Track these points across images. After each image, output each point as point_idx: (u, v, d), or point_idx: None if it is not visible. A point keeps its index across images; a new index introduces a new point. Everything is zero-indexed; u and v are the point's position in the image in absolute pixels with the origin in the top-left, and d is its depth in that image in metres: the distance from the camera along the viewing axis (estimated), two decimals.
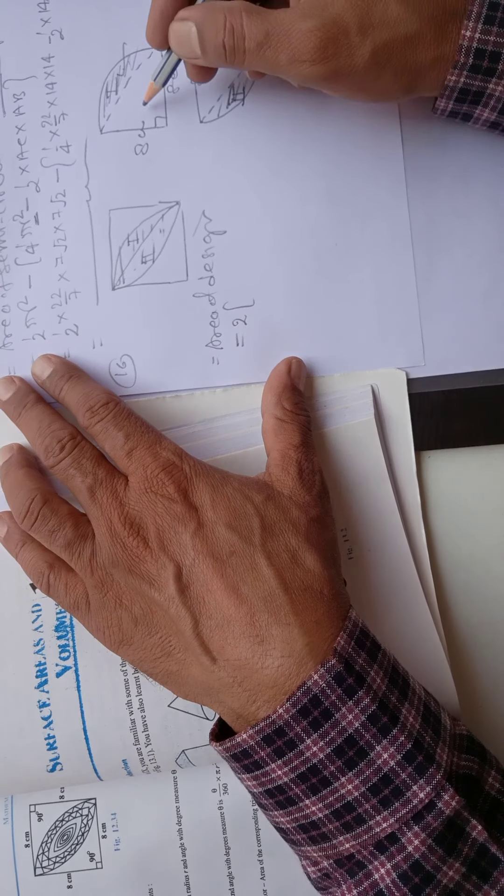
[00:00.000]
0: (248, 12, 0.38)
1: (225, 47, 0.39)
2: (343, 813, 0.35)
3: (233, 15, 0.38)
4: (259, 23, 0.38)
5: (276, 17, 0.38)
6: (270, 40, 0.38)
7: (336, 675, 0.35)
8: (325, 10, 0.37)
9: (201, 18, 0.39)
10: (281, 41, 0.38)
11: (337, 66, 0.38)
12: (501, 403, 0.46)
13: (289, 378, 0.44)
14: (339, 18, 0.37)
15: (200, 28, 0.39)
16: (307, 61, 0.38)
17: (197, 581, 0.37)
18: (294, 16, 0.37)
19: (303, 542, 0.38)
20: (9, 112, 0.45)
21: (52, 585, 0.40)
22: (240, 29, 0.38)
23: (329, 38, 0.37)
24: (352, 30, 0.37)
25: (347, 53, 0.37)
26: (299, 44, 0.37)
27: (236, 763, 0.37)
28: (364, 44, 0.37)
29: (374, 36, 0.37)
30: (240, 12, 0.38)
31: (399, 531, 0.45)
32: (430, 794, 0.35)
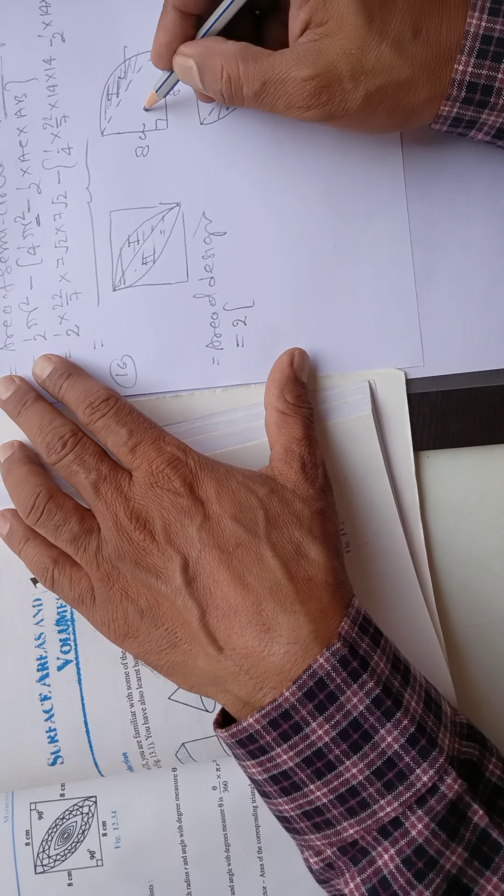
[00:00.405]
0: (244, 59, 0.39)
1: (223, 94, 0.40)
2: (347, 797, 0.36)
3: (229, 63, 0.39)
4: (255, 71, 0.39)
5: (272, 63, 0.38)
6: (267, 88, 0.39)
7: (341, 658, 0.36)
8: (320, 58, 0.38)
9: (200, 59, 0.40)
10: (277, 89, 0.39)
11: (331, 111, 0.39)
12: (500, 404, 0.46)
13: (291, 370, 0.44)
14: (332, 66, 0.38)
15: (200, 68, 0.40)
16: (302, 107, 0.39)
17: (203, 572, 0.38)
18: (290, 62, 0.38)
19: (306, 535, 0.38)
20: (10, 114, 0.46)
21: (57, 580, 0.41)
22: (237, 78, 0.39)
23: (322, 87, 0.38)
24: (345, 77, 0.38)
25: (340, 99, 0.38)
26: (294, 92, 0.38)
27: (241, 749, 0.37)
28: (357, 90, 0.38)
29: (366, 83, 0.38)
30: (236, 59, 0.39)
31: (396, 526, 0.46)
32: (433, 778, 0.35)
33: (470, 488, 0.47)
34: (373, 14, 0.37)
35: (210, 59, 0.39)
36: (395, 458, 0.46)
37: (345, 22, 0.37)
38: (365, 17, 0.37)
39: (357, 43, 0.37)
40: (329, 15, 0.37)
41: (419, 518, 0.46)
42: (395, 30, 0.37)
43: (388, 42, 0.37)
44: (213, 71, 0.39)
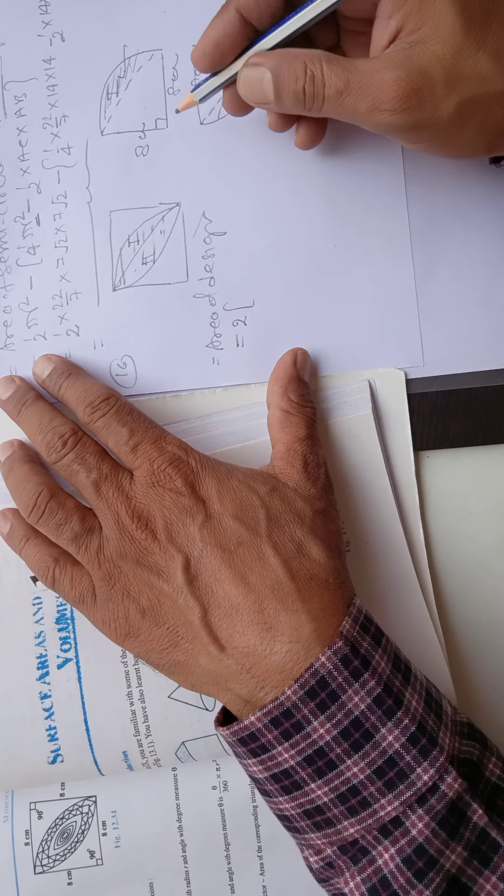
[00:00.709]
0: (327, 60, 0.37)
1: (304, 93, 0.38)
2: (348, 796, 0.36)
3: (312, 62, 0.38)
4: (340, 70, 0.37)
5: (358, 65, 0.37)
6: (351, 88, 0.37)
7: (342, 657, 0.36)
8: (411, 61, 0.36)
9: (277, 65, 0.38)
10: (362, 89, 0.36)
11: (419, 118, 0.37)
12: (500, 404, 0.46)
13: (294, 369, 0.44)
14: (424, 70, 0.36)
15: (276, 74, 0.38)
16: (388, 110, 0.36)
17: (205, 571, 0.38)
18: (377, 65, 0.37)
19: (308, 534, 0.39)
20: (10, 114, 0.46)
21: (58, 579, 0.41)
22: (320, 76, 0.37)
23: (413, 89, 0.36)
24: (437, 82, 0.36)
25: (431, 105, 0.36)
26: (381, 92, 0.36)
27: (242, 748, 0.37)
28: (450, 97, 0.36)
29: (460, 90, 0.36)
30: (319, 59, 0.37)
31: (396, 525, 0.46)
32: (433, 777, 0.35)
33: (470, 488, 0.47)
34: (472, 20, 0.36)
35: (290, 62, 0.38)
36: (395, 457, 0.46)
37: (441, 26, 0.36)
38: (464, 22, 0.35)
39: (453, 48, 0.35)
40: (424, 20, 0.36)
41: (419, 518, 0.46)
42: (494, 40, 0.36)
43: (485, 51, 0.36)
44: (293, 72, 0.37)
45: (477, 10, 0.36)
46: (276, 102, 0.39)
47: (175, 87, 0.46)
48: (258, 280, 0.46)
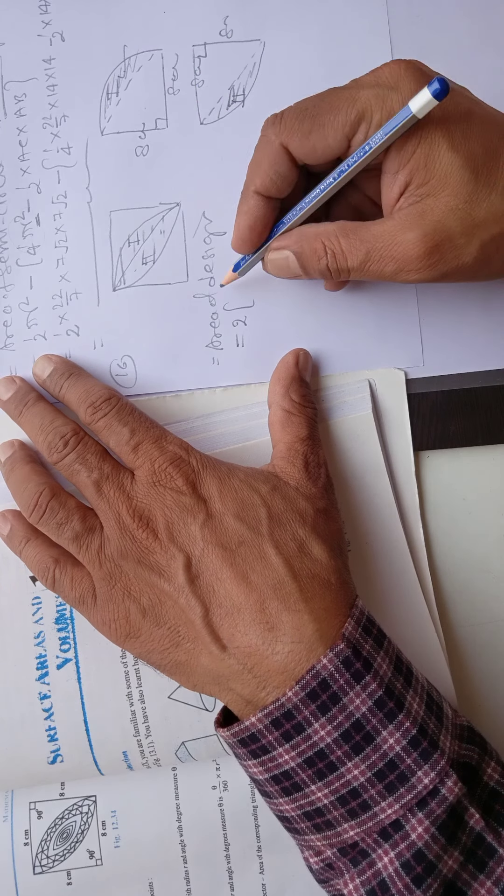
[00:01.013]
0: (343, 234, 0.39)
1: (329, 269, 0.40)
2: (348, 799, 0.36)
3: (330, 240, 0.39)
4: (358, 242, 0.38)
5: (374, 232, 0.38)
6: (373, 257, 0.38)
7: (344, 659, 0.36)
8: (425, 219, 0.37)
9: (298, 247, 0.40)
10: (384, 256, 0.38)
11: (445, 270, 0.38)
12: (500, 404, 0.46)
13: (296, 369, 0.44)
14: (440, 225, 0.37)
15: (299, 255, 0.40)
16: (413, 270, 0.38)
17: (206, 571, 0.38)
18: (393, 228, 0.38)
19: (310, 533, 0.39)
20: (10, 114, 0.46)
21: (58, 580, 0.41)
22: (340, 252, 0.39)
23: (434, 247, 0.37)
24: (456, 233, 0.37)
25: (454, 256, 0.37)
26: (404, 255, 0.37)
27: (243, 749, 0.37)
28: (471, 243, 0.37)
29: (480, 234, 0.37)
30: (336, 236, 0.39)
31: (397, 525, 0.46)
32: (434, 780, 0.35)
33: (470, 488, 0.47)
34: (477, 168, 0.36)
35: (309, 243, 0.39)
36: (395, 457, 0.46)
37: (450, 179, 0.36)
38: (471, 172, 0.36)
39: (465, 198, 0.36)
40: (431, 174, 0.37)
41: (419, 518, 0.46)
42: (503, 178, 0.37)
43: (497, 191, 0.36)
44: (314, 252, 0.39)
45: (482, 156, 0.36)
46: (305, 275, 0.41)
47: (175, 86, 0.46)
48: (258, 280, 0.46)
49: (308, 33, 0.46)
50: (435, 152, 0.36)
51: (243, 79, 0.46)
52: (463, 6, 0.47)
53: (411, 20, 0.46)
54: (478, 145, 0.37)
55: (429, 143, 0.36)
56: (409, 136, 0.36)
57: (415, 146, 0.36)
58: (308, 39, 0.46)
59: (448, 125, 0.36)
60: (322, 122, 0.37)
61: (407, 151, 0.37)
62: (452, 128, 0.36)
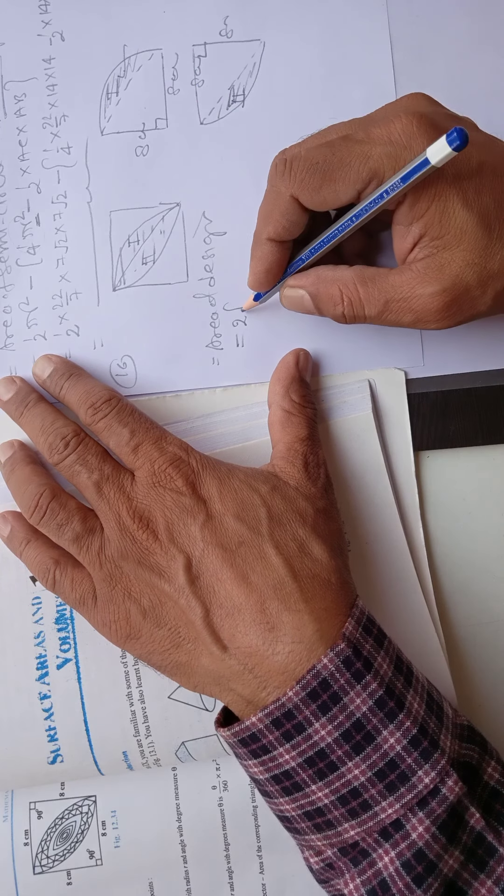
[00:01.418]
0: (361, 283, 0.39)
1: (346, 316, 0.40)
2: (349, 799, 0.36)
3: (347, 287, 0.39)
4: (376, 293, 0.39)
5: (392, 283, 0.38)
6: (391, 307, 0.39)
7: (345, 659, 0.36)
8: (443, 272, 0.37)
9: (314, 289, 0.40)
10: (402, 307, 0.39)
11: (461, 320, 0.39)
12: (500, 404, 0.46)
13: (297, 370, 0.44)
14: (458, 279, 0.37)
15: (314, 297, 0.41)
16: (432, 321, 0.39)
17: (207, 571, 0.38)
18: (411, 281, 0.38)
19: (310, 533, 0.39)
20: (10, 113, 0.46)
21: (58, 581, 0.41)
22: (357, 301, 0.39)
23: (452, 300, 0.38)
24: (472, 286, 0.38)
25: (470, 307, 0.38)
26: (422, 308, 0.38)
27: (243, 748, 0.37)
28: (486, 293, 0.38)
29: (494, 284, 0.38)
30: (354, 284, 0.39)
31: (397, 525, 0.46)
32: (434, 780, 0.35)
33: (470, 488, 0.47)
34: (490, 224, 0.37)
35: (326, 288, 0.40)
36: (395, 457, 0.46)
37: (465, 236, 0.37)
38: (484, 228, 0.37)
39: (480, 252, 0.37)
40: (447, 230, 0.37)
41: (419, 518, 0.46)
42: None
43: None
44: (331, 298, 0.40)
45: (494, 210, 0.37)
46: (319, 315, 0.42)
47: (175, 86, 0.46)
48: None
49: (308, 33, 0.46)
50: (450, 209, 0.37)
51: (243, 79, 0.46)
52: (463, 6, 0.47)
53: (411, 20, 0.46)
54: (490, 200, 0.37)
55: (443, 201, 0.37)
56: (422, 191, 0.37)
57: (428, 202, 0.37)
58: (308, 39, 0.46)
59: (461, 181, 0.37)
60: (333, 178, 0.37)
61: (421, 206, 0.37)
62: (465, 184, 0.37)
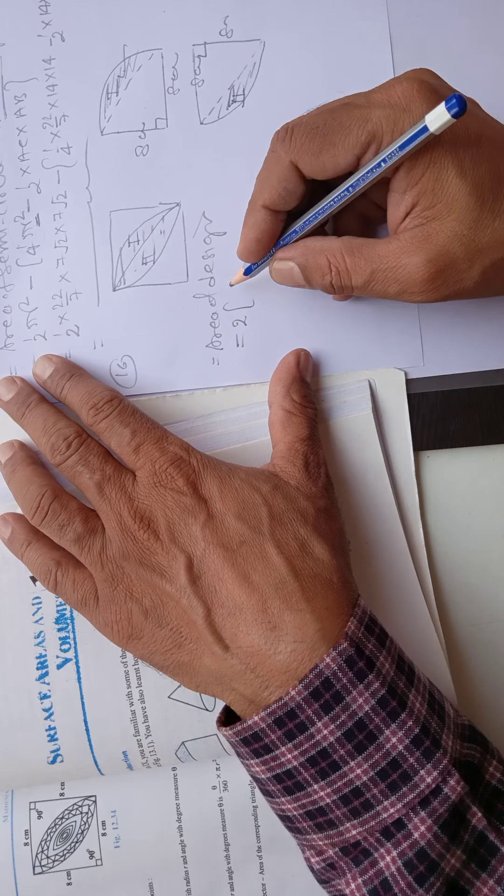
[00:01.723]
0: (348, 252, 0.39)
1: (333, 285, 0.40)
2: (351, 798, 0.36)
3: (335, 257, 0.39)
4: (363, 262, 0.39)
5: (379, 252, 0.38)
6: (377, 276, 0.39)
7: (347, 658, 0.36)
8: (430, 242, 0.37)
9: (303, 260, 0.40)
10: (388, 276, 0.38)
11: (447, 293, 0.39)
12: (499, 404, 0.46)
13: (297, 370, 0.44)
14: (444, 250, 0.37)
15: (303, 268, 0.41)
16: (416, 292, 0.39)
17: (208, 571, 0.38)
18: (398, 250, 0.38)
19: (311, 532, 0.39)
20: (10, 114, 0.46)
21: (60, 582, 0.41)
22: (345, 270, 0.39)
23: (437, 271, 0.38)
24: (459, 258, 0.37)
25: (456, 280, 0.38)
26: (407, 278, 0.38)
27: (245, 748, 0.37)
28: (473, 268, 0.38)
29: (482, 259, 0.37)
30: (341, 253, 0.39)
31: (397, 525, 0.46)
32: (436, 779, 0.35)
33: (470, 488, 0.47)
34: (484, 195, 0.37)
35: (314, 258, 0.40)
36: (395, 457, 0.46)
37: (456, 204, 0.37)
38: (477, 199, 0.37)
39: (469, 224, 0.37)
40: (438, 199, 0.37)
41: (419, 518, 0.46)
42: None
43: (502, 219, 0.37)
44: (319, 268, 0.40)
45: (489, 182, 0.37)
46: (309, 287, 0.41)
47: (175, 86, 0.46)
48: (258, 280, 0.46)
49: (308, 33, 0.46)
50: (444, 177, 0.36)
51: (243, 79, 0.46)
52: (463, 6, 0.47)
53: (411, 20, 0.46)
54: (487, 171, 0.37)
55: (438, 168, 0.36)
56: (419, 158, 0.36)
57: (423, 169, 0.37)
58: (308, 39, 0.46)
59: (458, 150, 0.36)
60: (333, 142, 0.37)
61: (416, 173, 0.37)
62: (462, 153, 0.37)
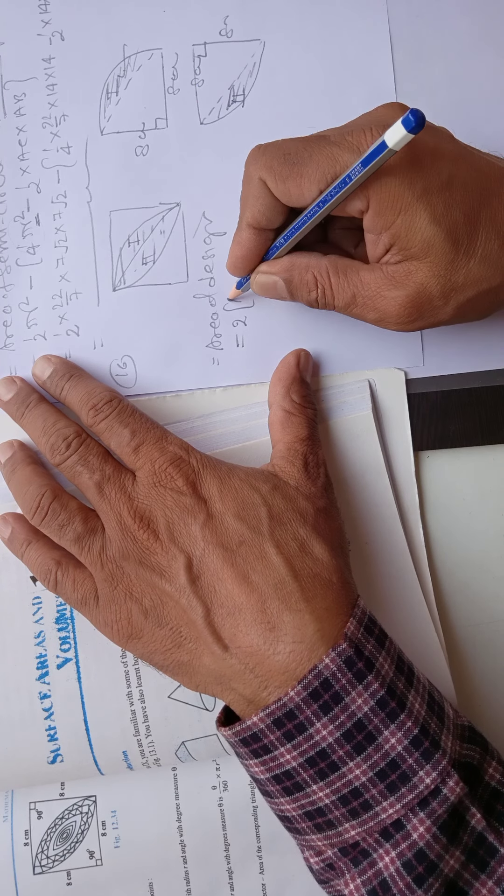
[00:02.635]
0: (334, 272, 0.40)
1: (317, 302, 0.41)
2: (350, 799, 0.36)
3: (321, 275, 0.40)
4: (347, 285, 0.40)
5: (363, 279, 0.39)
6: (357, 301, 0.40)
7: (347, 659, 0.36)
8: (410, 279, 0.38)
9: (288, 275, 0.41)
10: (367, 304, 0.40)
11: (422, 325, 0.40)
12: (499, 404, 0.46)
13: (297, 370, 0.44)
14: (422, 288, 0.38)
15: (288, 283, 0.41)
16: (393, 323, 0.40)
17: (207, 571, 0.38)
18: (379, 281, 0.39)
19: (311, 532, 0.39)
20: (10, 113, 0.46)
21: (60, 582, 0.41)
22: (329, 290, 0.40)
23: (414, 308, 0.39)
24: (435, 296, 0.38)
25: (431, 315, 0.39)
26: (386, 310, 0.39)
27: (244, 748, 0.37)
28: (448, 304, 0.39)
29: (457, 297, 0.39)
30: (327, 272, 0.40)
31: (396, 525, 0.46)
32: (435, 780, 0.35)
33: (470, 488, 0.47)
34: (458, 238, 0.37)
35: (300, 274, 0.41)
36: (395, 457, 0.46)
37: (431, 249, 0.37)
38: (451, 243, 0.37)
39: (445, 265, 0.38)
40: (414, 243, 0.37)
41: (419, 518, 0.46)
42: (483, 246, 0.38)
43: (476, 259, 0.38)
44: (305, 284, 0.41)
45: (463, 226, 0.37)
46: (291, 300, 0.42)
47: (175, 86, 0.46)
48: None
49: (308, 33, 0.46)
50: (417, 224, 0.37)
51: (243, 79, 0.46)
52: (463, 6, 0.47)
53: (411, 20, 0.46)
54: (460, 214, 0.37)
55: (410, 215, 0.37)
56: (389, 203, 0.37)
57: (395, 215, 0.37)
58: (308, 39, 0.46)
59: (430, 196, 0.37)
60: (300, 172, 0.38)
61: (388, 218, 0.37)
62: (434, 199, 0.37)
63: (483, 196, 0.38)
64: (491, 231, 0.38)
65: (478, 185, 0.38)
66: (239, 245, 0.42)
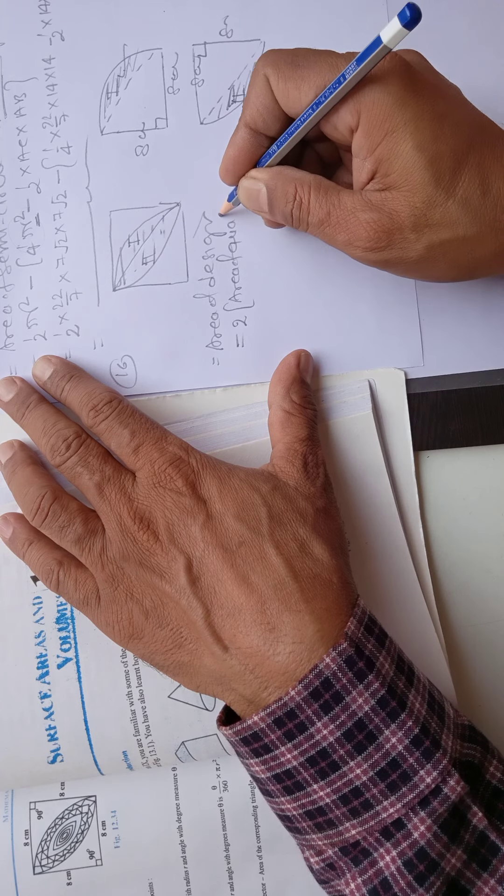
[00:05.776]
0: (315, 188, 0.40)
1: (292, 216, 0.40)
2: (350, 798, 0.36)
3: (302, 187, 0.40)
4: (324, 202, 0.39)
5: (340, 199, 0.39)
6: (331, 220, 0.39)
7: (347, 658, 0.36)
8: (385, 204, 0.38)
9: (272, 184, 0.41)
10: (340, 224, 0.39)
11: (389, 257, 0.39)
12: (499, 404, 0.46)
13: (297, 371, 0.44)
14: (395, 214, 0.38)
15: (270, 192, 0.41)
16: (361, 247, 0.39)
17: (207, 572, 0.38)
18: (356, 203, 0.39)
19: (311, 532, 0.39)
20: (10, 113, 0.46)
21: (62, 582, 0.41)
22: (306, 204, 0.40)
23: (383, 232, 0.38)
24: (406, 227, 0.38)
25: (400, 247, 0.39)
26: (356, 231, 0.39)
27: (245, 747, 0.37)
28: (419, 240, 0.38)
29: (429, 235, 0.38)
30: (309, 186, 0.40)
31: (396, 525, 0.46)
32: (436, 779, 0.35)
33: (470, 488, 0.47)
34: (440, 172, 0.37)
35: (283, 184, 0.40)
36: (395, 457, 0.46)
37: (410, 177, 0.37)
38: (432, 175, 0.37)
39: (423, 198, 0.37)
40: (394, 168, 0.37)
41: (419, 518, 0.46)
42: (464, 188, 0.37)
43: (455, 199, 0.37)
44: (285, 195, 0.40)
45: (448, 161, 0.37)
46: (270, 214, 0.42)
47: (175, 85, 0.46)
48: (258, 280, 0.46)
49: (308, 33, 0.46)
50: (400, 148, 0.37)
51: (243, 78, 0.46)
52: (463, 5, 0.47)
53: None
54: (446, 148, 0.37)
55: (396, 138, 0.37)
56: (378, 122, 0.37)
57: (381, 135, 0.37)
58: (308, 39, 0.46)
59: (419, 123, 0.37)
60: (301, 76, 0.38)
61: (374, 138, 0.37)
62: (423, 126, 0.37)
63: (473, 141, 0.38)
64: (475, 176, 0.37)
65: (470, 130, 0.38)
66: (233, 145, 0.42)
